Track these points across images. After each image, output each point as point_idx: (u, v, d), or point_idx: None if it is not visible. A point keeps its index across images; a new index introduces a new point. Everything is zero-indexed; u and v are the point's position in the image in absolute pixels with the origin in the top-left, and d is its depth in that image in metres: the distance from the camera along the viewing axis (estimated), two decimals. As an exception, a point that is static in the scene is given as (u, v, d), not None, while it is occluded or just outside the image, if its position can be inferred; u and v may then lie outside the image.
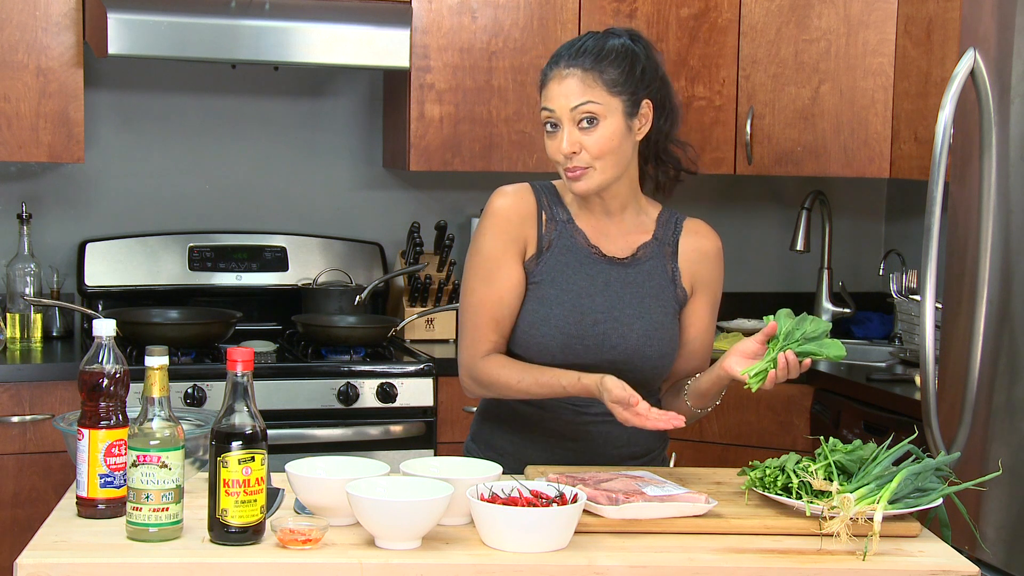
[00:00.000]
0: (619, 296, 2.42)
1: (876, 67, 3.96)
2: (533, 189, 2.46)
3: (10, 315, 3.81)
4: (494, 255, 2.42)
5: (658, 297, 2.44)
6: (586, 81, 2.31)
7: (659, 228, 2.48)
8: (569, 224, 2.44)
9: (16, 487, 3.44)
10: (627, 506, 2.04)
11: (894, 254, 4.25)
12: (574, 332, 2.39)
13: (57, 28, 3.67)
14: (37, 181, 4.04)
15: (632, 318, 2.41)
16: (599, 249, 2.44)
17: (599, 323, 2.40)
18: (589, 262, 2.43)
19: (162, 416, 1.95)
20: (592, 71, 2.32)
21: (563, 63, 2.34)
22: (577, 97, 2.31)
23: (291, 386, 3.61)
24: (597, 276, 2.43)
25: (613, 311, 2.41)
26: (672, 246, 2.47)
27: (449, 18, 3.95)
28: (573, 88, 2.31)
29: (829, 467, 2.11)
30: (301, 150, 4.27)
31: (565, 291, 2.41)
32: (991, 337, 2.73)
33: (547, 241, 2.43)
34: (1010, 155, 2.69)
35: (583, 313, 2.40)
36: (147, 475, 1.93)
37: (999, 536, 2.72)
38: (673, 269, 2.46)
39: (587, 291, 2.41)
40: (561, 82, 2.33)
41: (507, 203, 2.44)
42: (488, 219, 2.44)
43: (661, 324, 2.43)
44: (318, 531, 1.92)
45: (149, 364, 1.95)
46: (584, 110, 2.31)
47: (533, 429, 2.48)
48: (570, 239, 2.44)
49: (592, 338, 2.39)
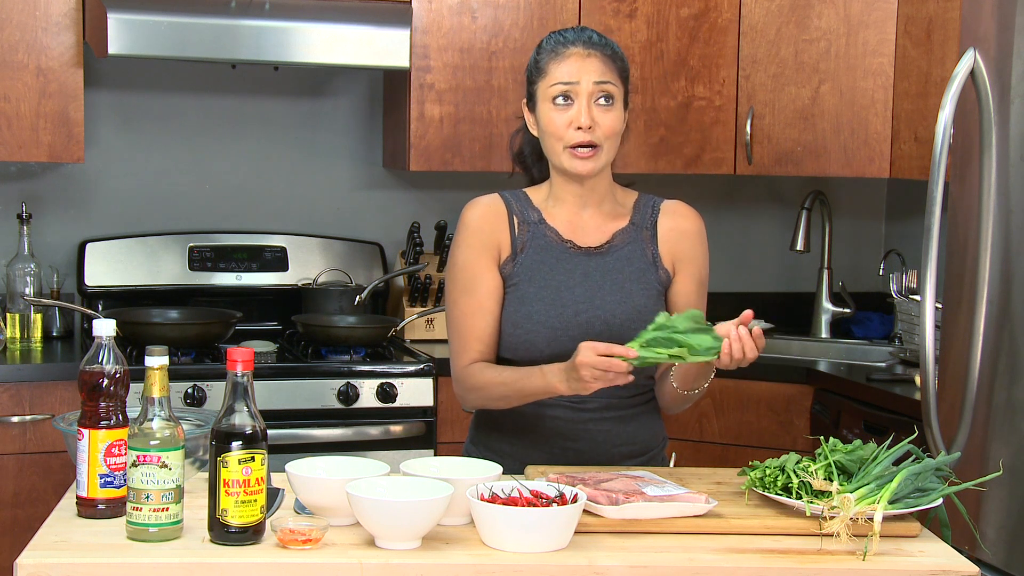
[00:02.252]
0: (599, 285, 2.44)
1: (876, 67, 3.96)
2: (502, 197, 2.52)
3: (10, 315, 3.81)
4: (469, 265, 2.46)
5: (639, 280, 2.46)
6: (606, 63, 2.41)
7: (635, 213, 2.51)
8: (541, 224, 2.48)
9: (16, 487, 3.44)
10: (627, 506, 2.04)
11: (894, 254, 4.25)
12: (557, 325, 2.41)
13: (57, 28, 3.67)
14: (37, 181, 4.04)
15: (614, 304, 2.43)
16: (573, 242, 2.47)
17: (580, 313, 2.42)
18: (565, 256, 2.46)
19: (162, 416, 1.95)
20: (610, 58, 2.42)
21: (581, 45, 2.41)
22: (602, 74, 2.40)
23: (291, 386, 3.61)
24: (575, 268, 2.45)
25: (594, 300, 2.43)
26: (651, 228, 2.50)
27: (449, 18, 3.95)
28: (597, 66, 2.40)
29: (829, 467, 2.11)
30: (301, 150, 4.27)
31: (544, 287, 2.44)
32: (991, 337, 2.73)
33: (520, 243, 2.47)
34: (1010, 155, 2.69)
35: (564, 305, 2.42)
36: (147, 475, 1.93)
37: (999, 536, 2.72)
38: (653, 252, 2.49)
39: (566, 284, 2.44)
40: (584, 59, 2.40)
41: (477, 213, 2.49)
42: (460, 232, 2.49)
43: (644, 307, 2.44)
44: (318, 531, 1.92)
45: (149, 364, 1.95)
46: (605, 88, 2.40)
47: (531, 429, 2.48)
48: (543, 238, 2.47)
49: (575, 328, 2.41)
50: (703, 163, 4.14)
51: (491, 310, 2.45)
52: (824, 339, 4.31)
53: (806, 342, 4.30)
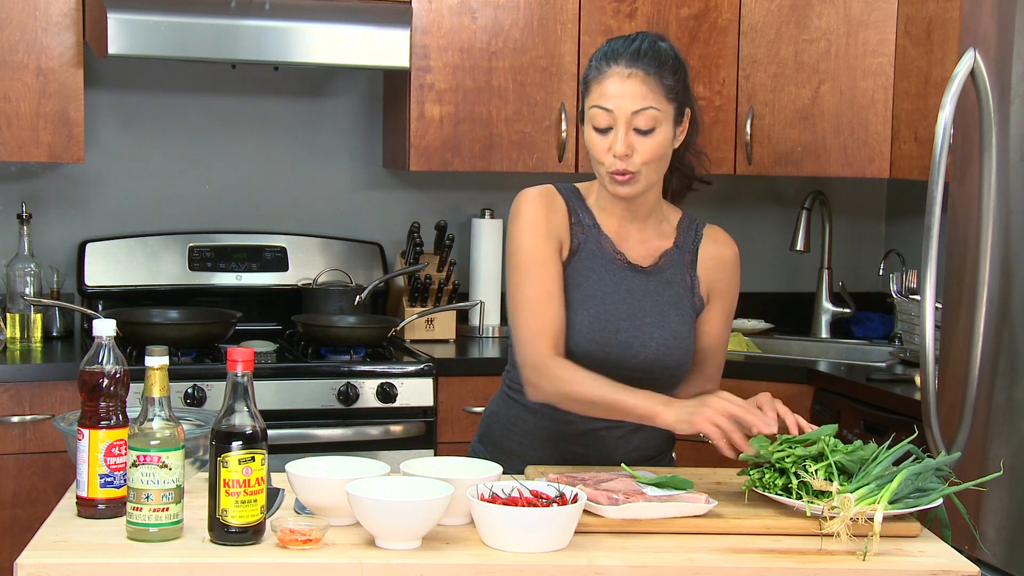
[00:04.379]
0: (640, 304, 2.40)
1: (876, 67, 3.96)
2: (559, 190, 2.43)
3: (10, 315, 3.81)
4: (536, 249, 2.36)
5: (677, 306, 2.42)
6: (648, 84, 2.27)
7: (680, 235, 2.46)
8: (595, 228, 2.42)
9: (16, 487, 3.44)
10: (627, 506, 2.04)
11: (894, 254, 4.25)
12: (597, 339, 2.37)
13: (57, 28, 3.67)
14: (37, 181, 4.04)
15: (652, 327, 2.39)
16: (624, 256, 2.42)
17: (622, 331, 2.38)
18: (613, 268, 2.41)
19: (162, 416, 1.95)
20: (654, 75, 2.28)
21: (624, 62, 2.28)
22: (640, 101, 2.27)
23: (291, 386, 3.61)
24: (620, 283, 2.41)
25: (635, 319, 2.39)
26: (692, 254, 2.45)
27: (449, 18, 3.95)
28: (636, 90, 2.27)
29: (829, 467, 2.11)
30: (301, 150, 4.27)
31: (589, 296, 2.38)
32: (991, 337, 2.73)
33: (576, 243, 2.41)
34: (1010, 155, 2.69)
35: (607, 320, 2.38)
36: (147, 475, 1.93)
37: (999, 536, 2.72)
38: (692, 277, 2.44)
39: (610, 298, 2.39)
40: (624, 81, 2.27)
41: (539, 202, 2.40)
42: (520, 218, 2.39)
43: (679, 333, 2.41)
44: (318, 531, 1.92)
45: (149, 364, 1.95)
46: (645, 116, 2.27)
47: (543, 432, 2.46)
48: (596, 244, 2.41)
49: (615, 346, 2.37)
50: (703, 163, 4.13)
51: (559, 297, 2.35)
52: (824, 339, 4.31)
53: (806, 342, 4.30)
